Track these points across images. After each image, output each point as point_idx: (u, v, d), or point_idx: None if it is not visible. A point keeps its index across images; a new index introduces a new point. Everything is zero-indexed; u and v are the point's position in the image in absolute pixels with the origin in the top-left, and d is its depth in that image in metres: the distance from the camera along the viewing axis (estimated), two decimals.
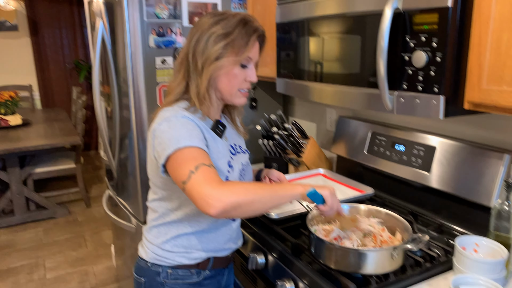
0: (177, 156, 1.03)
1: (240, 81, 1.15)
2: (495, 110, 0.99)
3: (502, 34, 0.93)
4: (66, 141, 3.77)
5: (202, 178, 0.97)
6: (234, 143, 1.29)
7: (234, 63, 1.12)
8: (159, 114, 1.13)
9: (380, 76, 1.12)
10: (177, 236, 1.19)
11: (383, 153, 1.65)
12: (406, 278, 1.13)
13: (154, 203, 1.22)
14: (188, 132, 1.06)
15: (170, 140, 1.04)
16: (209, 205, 0.94)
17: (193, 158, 1.01)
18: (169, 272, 1.19)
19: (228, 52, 1.10)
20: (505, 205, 1.13)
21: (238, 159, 1.26)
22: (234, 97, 1.17)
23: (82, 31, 6.12)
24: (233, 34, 1.09)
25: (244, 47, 1.11)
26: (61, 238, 3.61)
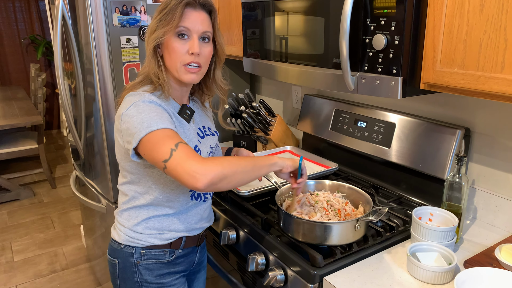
0: (151, 137, 1.03)
1: (182, 54, 1.12)
2: (447, 90, 1.06)
3: (454, 20, 0.99)
4: (27, 121, 3.65)
5: (184, 154, 0.99)
6: (202, 125, 1.31)
7: (167, 33, 1.11)
8: (126, 99, 1.13)
9: (342, 58, 1.16)
10: (148, 218, 1.21)
11: (346, 130, 1.72)
12: (368, 247, 1.22)
13: (124, 186, 1.24)
14: (158, 115, 1.07)
15: (141, 124, 1.05)
16: (196, 179, 0.96)
17: (169, 137, 1.03)
18: (142, 252, 1.22)
19: (162, 24, 1.11)
20: (456, 177, 1.22)
21: (207, 142, 1.28)
22: (181, 73, 1.14)
23: (37, 5, 5.82)
24: (167, 7, 1.11)
25: (173, 16, 1.10)
26: (27, 220, 3.55)
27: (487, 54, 0.94)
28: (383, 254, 1.21)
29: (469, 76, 0.98)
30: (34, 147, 3.95)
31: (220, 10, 1.97)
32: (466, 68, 0.99)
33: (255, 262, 1.27)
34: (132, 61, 1.88)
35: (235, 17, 1.85)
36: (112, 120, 1.89)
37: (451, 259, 1.08)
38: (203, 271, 1.43)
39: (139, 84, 1.17)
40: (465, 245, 1.26)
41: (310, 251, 1.15)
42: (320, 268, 1.11)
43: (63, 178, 4.41)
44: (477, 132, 1.37)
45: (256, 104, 1.95)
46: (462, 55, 0.99)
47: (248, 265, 1.27)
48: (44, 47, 5.73)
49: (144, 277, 1.22)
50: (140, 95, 1.12)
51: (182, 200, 1.22)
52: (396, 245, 1.25)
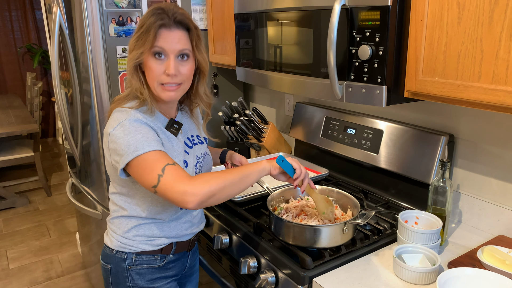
0: (138, 162, 1.05)
1: (159, 74, 1.12)
2: (429, 98, 1.12)
3: (434, 32, 1.04)
4: (23, 129, 3.68)
5: (171, 178, 1.02)
6: (191, 134, 1.31)
7: (143, 54, 1.11)
8: (113, 116, 1.14)
9: (330, 67, 1.21)
10: (138, 225, 1.23)
11: (336, 137, 1.77)
12: (356, 250, 1.26)
13: (114, 196, 1.25)
14: (144, 137, 1.08)
15: (128, 147, 1.06)
16: (186, 201, 1.01)
17: (156, 161, 1.05)
18: (134, 258, 1.24)
19: (138, 44, 1.11)
20: (440, 182, 1.27)
21: (194, 153, 1.29)
22: (158, 91, 1.14)
23: (33, 14, 5.87)
24: (143, 26, 1.10)
25: (147, 37, 1.09)
26: (22, 227, 3.56)
27: (465, 64, 1.00)
28: (371, 257, 1.25)
29: (449, 85, 1.04)
30: (30, 155, 3.97)
31: (213, 20, 2.03)
32: (446, 77, 1.04)
33: (247, 265, 1.30)
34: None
35: (229, 27, 1.90)
36: None
37: (435, 260, 1.13)
38: (195, 275, 1.47)
39: (126, 98, 1.17)
40: (450, 247, 1.30)
41: (300, 253, 1.18)
42: (310, 270, 1.15)
43: (59, 186, 4.43)
44: (461, 138, 1.42)
45: (249, 112, 2.00)
46: (442, 65, 1.05)
47: (241, 268, 1.31)
48: (40, 56, 5.77)
49: (136, 281, 1.25)
50: (127, 113, 1.12)
51: (171, 211, 1.25)
52: (384, 248, 1.30)
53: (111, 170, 1.20)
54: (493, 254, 1.15)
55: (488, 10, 0.93)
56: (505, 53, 0.92)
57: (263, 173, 1.16)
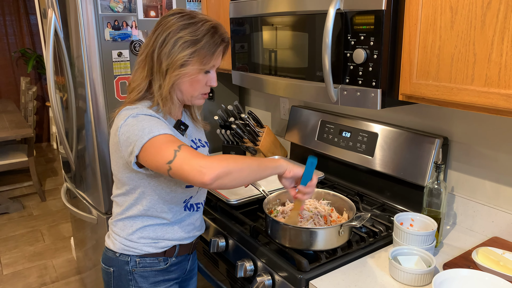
0: (153, 143, 1.05)
1: (202, 85, 1.19)
2: (424, 101, 1.13)
3: (428, 35, 1.06)
4: (17, 134, 3.66)
5: (188, 153, 1.02)
6: (194, 137, 1.34)
7: (199, 71, 1.15)
8: (123, 113, 1.15)
9: (325, 71, 1.22)
10: (143, 227, 1.23)
11: (331, 140, 1.78)
12: (352, 252, 1.26)
13: (119, 197, 1.26)
14: (157, 123, 1.10)
15: (142, 131, 1.06)
16: (203, 174, 0.98)
17: (171, 141, 1.05)
18: (138, 260, 1.24)
19: (193, 60, 1.12)
20: (435, 184, 1.28)
21: None
22: (195, 99, 1.21)
23: (28, 18, 5.85)
24: (201, 43, 1.11)
25: (210, 57, 1.14)
26: (16, 233, 3.53)
27: (458, 67, 1.01)
28: (367, 259, 1.25)
29: (442, 88, 1.05)
30: (24, 160, 3.95)
31: None
32: (440, 80, 1.06)
33: (243, 269, 1.30)
34: (123, 74, 1.93)
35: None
36: (103, 132, 1.92)
37: (430, 262, 1.13)
38: (194, 278, 1.47)
39: (138, 101, 1.19)
40: (445, 249, 1.31)
41: (296, 256, 1.19)
42: (306, 273, 1.16)
43: (53, 191, 4.40)
44: (455, 141, 1.43)
45: (245, 116, 2.01)
46: (436, 68, 1.06)
47: (237, 271, 1.31)
48: (34, 61, 5.75)
49: (139, 284, 1.25)
50: (138, 109, 1.14)
51: (175, 211, 1.26)
52: (379, 250, 1.30)
53: (119, 168, 1.19)
54: (487, 256, 1.16)
55: (481, 14, 0.94)
56: (498, 56, 0.93)
57: (278, 170, 1.15)
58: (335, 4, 1.18)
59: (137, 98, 1.18)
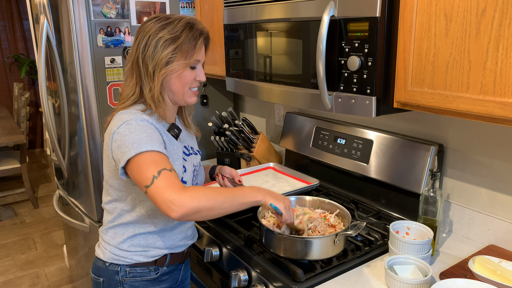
0: (139, 159, 1.06)
1: (190, 81, 1.20)
2: (419, 109, 1.12)
3: (422, 43, 1.05)
4: (10, 140, 3.62)
5: (165, 183, 1.02)
6: (187, 144, 1.33)
7: (184, 66, 1.16)
8: (117, 117, 1.15)
9: (319, 78, 1.21)
10: (134, 236, 1.22)
11: (326, 147, 1.77)
12: (347, 261, 1.25)
13: (109, 204, 1.25)
14: (148, 136, 1.09)
15: (131, 144, 1.07)
16: (171, 209, 1.00)
17: (155, 162, 1.05)
18: (128, 270, 1.23)
19: (177, 56, 1.14)
20: (431, 192, 1.27)
21: (191, 161, 1.30)
22: (186, 96, 1.22)
23: (21, 24, 5.82)
24: (181, 38, 1.13)
25: (192, 50, 1.16)
26: (8, 241, 3.48)
27: (454, 75, 1.00)
28: (363, 268, 1.24)
29: (437, 96, 1.04)
30: (16, 167, 3.90)
31: None
32: (435, 88, 1.05)
33: (237, 279, 1.28)
34: (116, 80, 1.91)
35: (218, 37, 1.90)
36: (96, 139, 1.90)
37: (427, 271, 1.12)
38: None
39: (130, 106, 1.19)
40: (441, 257, 1.30)
41: (291, 266, 1.17)
42: (301, 283, 1.14)
43: (46, 197, 4.35)
44: (450, 148, 1.42)
45: (239, 122, 1.99)
46: (431, 76, 1.05)
47: (231, 281, 1.29)
48: (28, 66, 5.71)
49: None
50: (132, 113, 1.14)
51: (167, 218, 1.24)
52: (375, 259, 1.29)
53: (111, 173, 1.19)
54: (484, 264, 1.15)
55: (475, 21, 0.94)
56: (493, 64, 0.92)
57: (257, 204, 1.15)
58: (329, 11, 1.17)
59: (129, 103, 1.19)
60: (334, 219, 1.32)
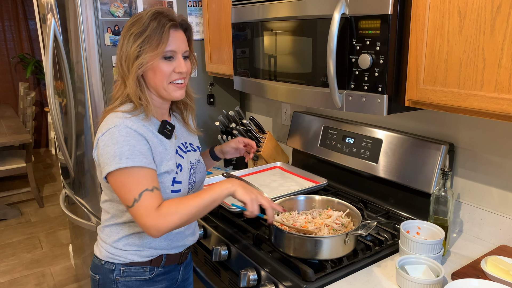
0: (120, 175, 1.07)
1: (168, 73, 1.15)
2: (431, 107, 1.11)
3: (435, 40, 1.04)
4: (16, 140, 3.63)
5: (143, 210, 1.06)
6: (184, 141, 1.31)
7: (154, 57, 1.12)
8: (106, 120, 1.14)
9: (330, 76, 1.20)
10: (129, 235, 1.21)
11: (334, 146, 1.76)
12: (358, 261, 1.24)
13: (106, 204, 1.24)
14: (130, 149, 1.07)
15: (113, 157, 1.06)
16: (150, 233, 1.07)
17: (136, 182, 1.06)
18: (122, 269, 1.22)
19: (146, 48, 1.11)
20: (442, 191, 1.26)
21: (188, 158, 1.28)
22: (169, 91, 1.17)
23: (26, 24, 5.84)
24: (147, 30, 1.10)
25: (159, 39, 1.11)
26: (13, 240, 3.49)
27: (467, 73, 0.99)
28: (373, 268, 1.23)
29: (450, 94, 1.03)
30: (22, 166, 3.91)
31: (210, 30, 2.02)
32: (448, 86, 1.04)
33: (247, 278, 1.27)
34: None
35: (225, 37, 1.89)
36: None
37: (438, 271, 1.11)
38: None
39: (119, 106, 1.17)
40: (452, 257, 1.29)
41: (301, 265, 1.16)
42: (311, 283, 1.13)
43: (51, 197, 4.36)
44: (461, 147, 1.41)
45: (247, 121, 1.98)
46: (444, 74, 1.04)
47: (240, 281, 1.28)
48: (33, 66, 5.73)
49: None
50: (117, 118, 1.12)
51: None
52: (385, 259, 1.28)
53: (101, 176, 1.18)
54: (496, 265, 1.13)
55: (490, 18, 0.93)
56: (508, 62, 0.91)
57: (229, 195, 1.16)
58: (340, 9, 1.16)
59: (118, 103, 1.17)
60: (345, 220, 1.31)
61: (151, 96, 1.18)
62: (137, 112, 1.15)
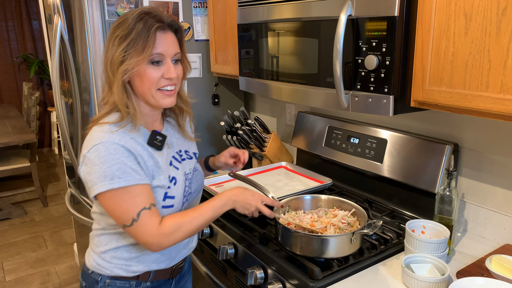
0: (112, 196, 1.02)
1: (156, 80, 1.07)
2: (436, 108, 1.12)
3: (441, 42, 1.05)
4: (20, 139, 3.65)
5: (143, 227, 1.04)
6: (179, 149, 1.24)
7: (141, 62, 1.04)
8: (91, 134, 1.07)
9: (336, 77, 1.22)
10: (117, 248, 1.17)
11: (339, 146, 1.77)
12: (363, 260, 1.25)
13: (96, 215, 1.20)
14: (121, 169, 1.02)
15: (103, 177, 1.01)
16: (151, 248, 1.08)
17: (132, 202, 1.03)
18: (107, 282, 1.18)
19: (131, 53, 1.03)
20: (447, 191, 1.27)
21: (183, 168, 1.22)
22: (158, 98, 1.09)
23: (30, 24, 5.86)
24: (133, 32, 1.02)
25: (145, 42, 1.02)
26: (18, 239, 3.51)
27: (473, 74, 1.00)
28: (379, 266, 1.24)
29: (456, 95, 1.04)
30: (26, 165, 3.94)
31: (215, 30, 2.03)
32: (454, 87, 1.05)
33: (253, 276, 1.29)
34: None
35: (231, 37, 1.91)
36: None
37: (444, 270, 1.12)
38: None
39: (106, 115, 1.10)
40: (457, 256, 1.30)
41: (308, 264, 1.18)
42: (318, 281, 1.14)
43: (55, 196, 4.38)
44: (466, 148, 1.42)
45: (251, 121, 2.00)
46: (450, 75, 1.05)
47: (247, 279, 1.29)
48: (36, 66, 5.75)
49: None
50: (103, 132, 1.05)
51: None
52: (391, 257, 1.29)
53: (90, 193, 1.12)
54: (501, 263, 1.15)
55: (496, 20, 0.94)
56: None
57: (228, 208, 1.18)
58: (347, 11, 1.17)
59: (104, 113, 1.11)
60: (351, 219, 1.33)
61: (139, 103, 1.11)
62: (124, 123, 1.08)
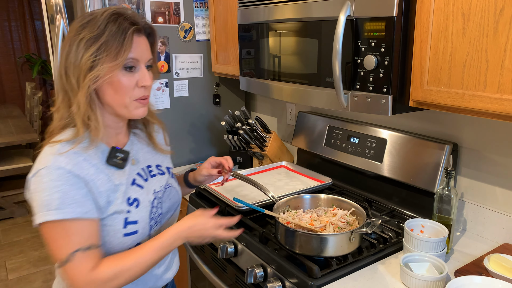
0: (48, 228, 0.91)
1: (131, 88, 0.96)
2: (435, 108, 1.13)
3: (439, 42, 1.06)
4: (23, 139, 3.67)
5: (74, 273, 0.91)
6: (148, 164, 1.12)
7: (114, 68, 0.93)
8: (40, 155, 0.96)
9: (335, 77, 1.23)
10: None
11: (339, 145, 1.78)
12: (362, 259, 1.26)
13: None
14: (61, 198, 0.90)
15: (42, 206, 0.90)
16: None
17: (67, 240, 0.91)
18: None
19: (102, 58, 0.91)
20: (445, 190, 1.28)
21: (151, 186, 1.10)
22: (131, 109, 0.98)
23: (33, 24, 5.89)
24: (104, 34, 0.91)
25: (120, 47, 0.92)
26: (21, 238, 3.54)
27: (471, 74, 1.01)
28: (377, 265, 1.25)
29: (454, 94, 1.05)
30: (29, 165, 3.95)
31: (216, 31, 2.04)
32: (452, 86, 1.06)
33: (253, 275, 1.30)
34: None
35: (231, 37, 1.92)
36: None
37: (442, 268, 1.13)
38: None
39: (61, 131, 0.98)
40: (456, 255, 1.31)
41: (307, 262, 1.18)
42: (317, 279, 1.15)
43: None
44: (465, 147, 1.43)
45: (252, 121, 2.01)
46: (448, 75, 1.06)
47: (247, 277, 1.30)
48: (39, 66, 5.78)
49: None
50: (49, 156, 0.93)
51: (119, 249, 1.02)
52: (390, 256, 1.30)
53: None
54: (499, 263, 1.15)
55: (493, 21, 0.95)
56: (511, 63, 0.93)
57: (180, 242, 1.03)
58: (346, 11, 1.18)
59: (59, 126, 0.99)
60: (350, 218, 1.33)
61: (103, 114, 1.00)
62: (79, 140, 0.95)
